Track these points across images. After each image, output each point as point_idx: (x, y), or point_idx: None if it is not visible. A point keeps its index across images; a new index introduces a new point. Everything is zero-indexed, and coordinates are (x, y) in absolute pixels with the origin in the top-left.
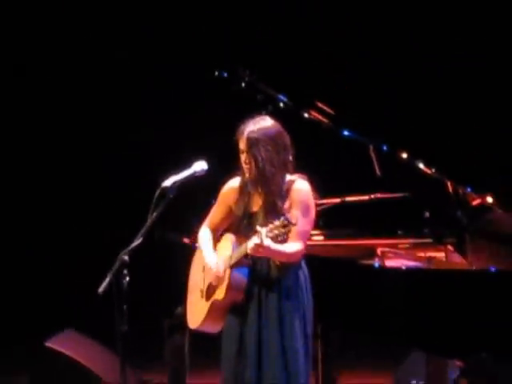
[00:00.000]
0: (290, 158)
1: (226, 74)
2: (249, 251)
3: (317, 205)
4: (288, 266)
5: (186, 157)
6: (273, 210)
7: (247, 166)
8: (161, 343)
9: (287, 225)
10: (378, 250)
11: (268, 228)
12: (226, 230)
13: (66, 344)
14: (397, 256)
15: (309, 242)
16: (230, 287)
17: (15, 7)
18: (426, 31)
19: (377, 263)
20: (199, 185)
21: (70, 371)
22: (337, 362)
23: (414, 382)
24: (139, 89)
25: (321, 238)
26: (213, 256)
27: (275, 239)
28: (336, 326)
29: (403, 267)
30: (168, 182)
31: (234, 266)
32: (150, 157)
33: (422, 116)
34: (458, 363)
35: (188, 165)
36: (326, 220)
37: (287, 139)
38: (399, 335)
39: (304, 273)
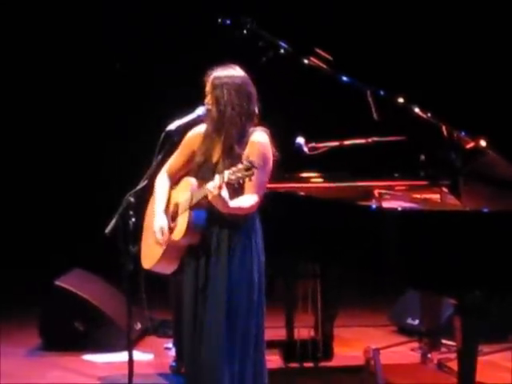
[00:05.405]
0: (256, 110)
1: (228, 22)
2: (208, 193)
3: (274, 157)
4: None
5: (191, 102)
6: (230, 156)
7: (209, 108)
8: (166, 282)
9: (250, 168)
10: (375, 192)
11: (231, 170)
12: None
13: (74, 282)
14: (393, 197)
15: (309, 185)
16: (188, 228)
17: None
18: None
19: (374, 204)
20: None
21: (77, 308)
22: (335, 302)
23: (409, 320)
24: (142, 40)
25: (320, 180)
26: (160, 219)
27: (236, 182)
28: (334, 265)
29: (399, 208)
30: (172, 126)
31: (194, 208)
32: (155, 103)
33: (418, 61)
34: (452, 301)
35: (191, 109)
36: (325, 163)
37: (253, 90)
38: (395, 274)
39: (257, 216)
